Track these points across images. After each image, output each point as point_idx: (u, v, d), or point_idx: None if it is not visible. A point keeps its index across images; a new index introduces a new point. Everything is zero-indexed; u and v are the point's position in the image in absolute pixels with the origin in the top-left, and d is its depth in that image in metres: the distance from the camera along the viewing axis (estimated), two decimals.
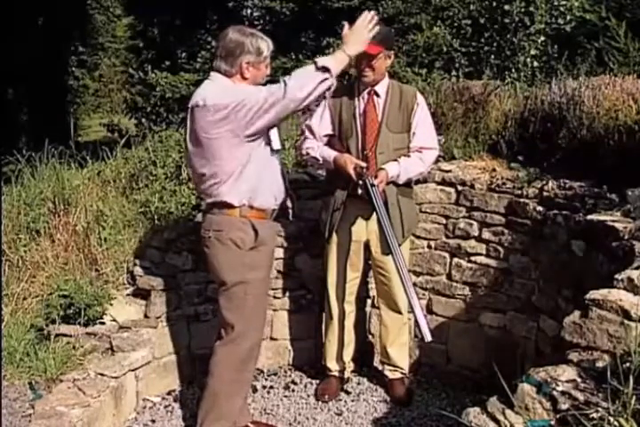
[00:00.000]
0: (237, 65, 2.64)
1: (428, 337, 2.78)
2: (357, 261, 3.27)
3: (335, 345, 3.39)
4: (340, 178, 3.09)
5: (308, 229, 3.54)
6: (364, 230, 3.19)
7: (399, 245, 2.92)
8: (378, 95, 3.12)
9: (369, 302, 3.67)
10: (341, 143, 3.13)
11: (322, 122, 3.17)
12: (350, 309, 3.37)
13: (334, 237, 3.22)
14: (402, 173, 3.09)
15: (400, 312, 3.32)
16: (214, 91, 2.63)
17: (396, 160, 3.09)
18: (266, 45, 2.67)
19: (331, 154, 3.10)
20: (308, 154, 3.18)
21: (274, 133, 3.43)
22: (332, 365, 3.41)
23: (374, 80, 3.09)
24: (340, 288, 3.30)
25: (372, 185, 2.94)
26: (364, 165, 3.01)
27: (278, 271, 3.59)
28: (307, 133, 3.21)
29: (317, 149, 3.15)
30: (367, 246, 3.23)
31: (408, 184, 3.21)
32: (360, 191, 3.05)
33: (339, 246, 3.23)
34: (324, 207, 3.23)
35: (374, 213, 3.01)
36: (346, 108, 3.13)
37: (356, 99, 3.14)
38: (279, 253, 3.55)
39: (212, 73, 2.71)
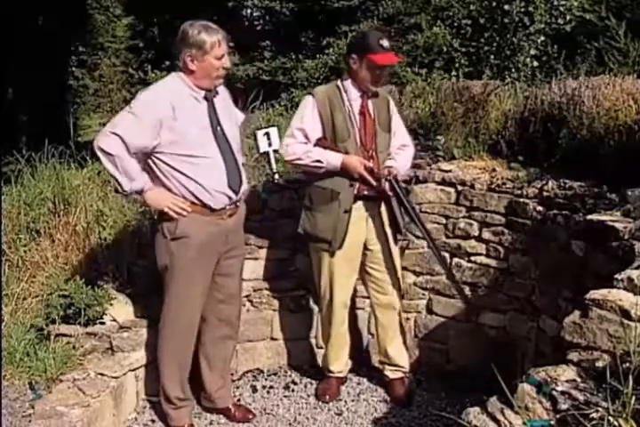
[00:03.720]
0: (182, 59, 2.66)
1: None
2: (357, 263, 3.25)
3: (337, 348, 3.36)
4: (344, 180, 3.04)
5: None
6: (364, 231, 3.17)
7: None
8: (373, 95, 3.12)
9: (368, 302, 3.66)
10: (334, 145, 3.05)
11: (314, 125, 3.06)
12: (350, 311, 3.36)
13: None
14: (401, 170, 3.12)
15: (394, 308, 3.28)
16: None
17: (392, 158, 3.12)
18: (209, 38, 2.60)
19: (336, 156, 3.01)
20: (309, 158, 3.04)
21: (273, 134, 3.40)
22: (333, 367, 3.40)
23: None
24: (345, 293, 3.26)
25: (397, 181, 3.00)
26: (371, 164, 3.01)
27: (278, 271, 3.59)
28: (301, 138, 3.06)
29: (316, 152, 3.04)
30: (364, 245, 3.22)
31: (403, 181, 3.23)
32: (366, 192, 3.05)
33: (345, 252, 3.14)
34: (326, 214, 3.08)
35: (373, 211, 3.07)
36: (338, 110, 3.04)
37: (348, 99, 3.07)
38: (279, 253, 3.55)
39: None
